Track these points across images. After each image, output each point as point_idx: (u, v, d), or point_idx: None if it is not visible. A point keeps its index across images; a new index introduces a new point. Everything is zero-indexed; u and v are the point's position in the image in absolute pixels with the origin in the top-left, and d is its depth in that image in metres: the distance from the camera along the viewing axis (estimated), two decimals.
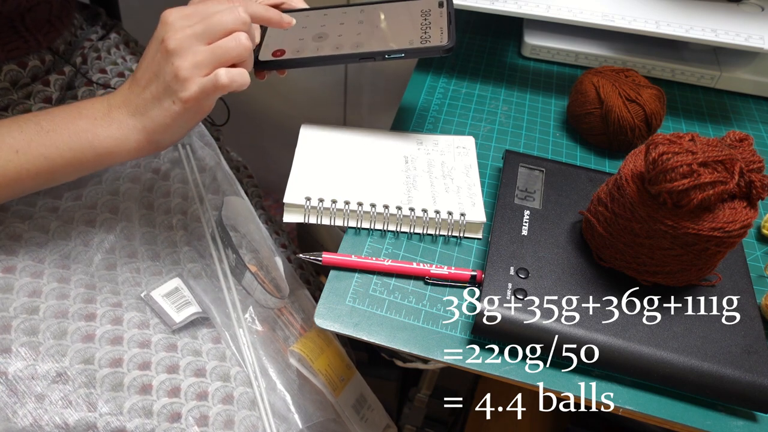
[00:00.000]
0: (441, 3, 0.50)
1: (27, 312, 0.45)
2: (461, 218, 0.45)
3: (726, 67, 0.65)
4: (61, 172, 0.43)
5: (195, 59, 0.40)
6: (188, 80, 0.40)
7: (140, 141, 0.43)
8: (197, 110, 0.42)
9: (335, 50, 0.48)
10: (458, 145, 0.53)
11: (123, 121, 0.42)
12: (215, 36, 0.41)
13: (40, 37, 0.55)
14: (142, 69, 0.42)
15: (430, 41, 0.47)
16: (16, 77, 0.53)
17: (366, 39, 0.48)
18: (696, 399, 0.38)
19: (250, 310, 0.53)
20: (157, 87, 0.41)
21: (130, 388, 0.45)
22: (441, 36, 0.47)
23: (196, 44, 0.40)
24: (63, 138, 0.42)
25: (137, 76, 0.43)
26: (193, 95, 0.40)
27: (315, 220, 0.45)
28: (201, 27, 0.40)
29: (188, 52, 0.40)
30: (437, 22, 0.48)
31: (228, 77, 0.41)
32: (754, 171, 0.37)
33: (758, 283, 0.46)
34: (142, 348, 0.47)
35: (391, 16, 0.50)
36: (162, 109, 0.41)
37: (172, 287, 0.51)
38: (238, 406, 0.47)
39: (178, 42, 0.40)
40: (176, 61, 0.40)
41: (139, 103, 0.42)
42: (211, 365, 0.48)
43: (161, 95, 0.41)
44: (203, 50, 0.40)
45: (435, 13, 0.49)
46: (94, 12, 0.68)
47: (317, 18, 0.51)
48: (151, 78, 0.42)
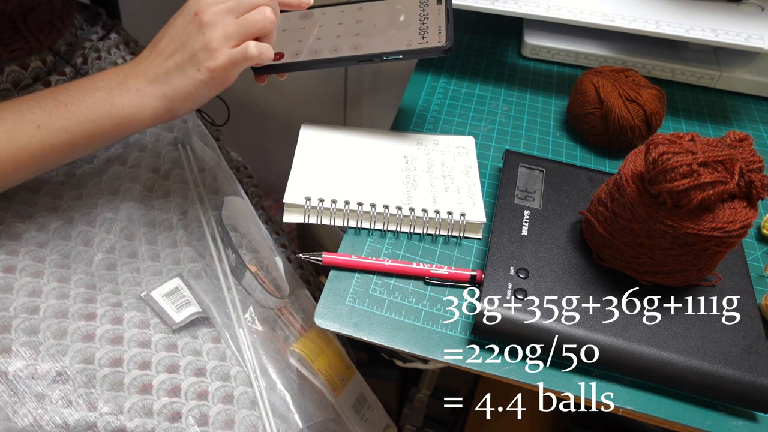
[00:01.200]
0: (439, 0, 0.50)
1: (27, 312, 0.45)
2: (461, 218, 0.45)
3: (726, 67, 0.65)
4: (82, 144, 0.44)
5: (225, 31, 0.42)
6: (217, 50, 0.42)
7: (158, 108, 0.44)
8: (222, 80, 0.43)
9: (333, 53, 0.48)
10: (458, 145, 0.53)
11: (141, 88, 0.44)
12: (244, 10, 0.43)
13: (41, 37, 0.55)
14: (167, 39, 0.44)
15: (428, 42, 0.47)
16: (18, 78, 0.53)
17: (364, 40, 0.48)
18: (696, 399, 0.38)
19: (250, 309, 0.53)
20: (182, 56, 0.43)
21: (131, 388, 0.45)
22: (439, 36, 0.47)
23: (228, 17, 0.42)
24: (82, 110, 0.43)
25: (160, 46, 0.44)
26: (221, 64, 0.42)
27: (315, 220, 0.45)
28: (233, 2, 0.42)
29: (219, 25, 0.42)
30: (435, 21, 0.48)
31: (257, 49, 0.43)
32: (754, 171, 0.37)
33: (758, 283, 0.46)
34: (142, 347, 0.47)
35: (389, 14, 0.50)
36: (186, 77, 0.43)
37: (172, 287, 0.51)
38: (238, 405, 0.47)
39: (212, 15, 0.42)
40: (208, 32, 0.42)
41: (160, 72, 0.43)
42: (212, 365, 0.48)
43: (186, 64, 0.43)
44: (233, 23, 0.42)
45: (433, 10, 0.49)
46: (94, 12, 0.68)
47: (316, 18, 0.51)
48: (177, 47, 0.43)
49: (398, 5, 0.50)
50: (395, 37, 0.48)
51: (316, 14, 0.52)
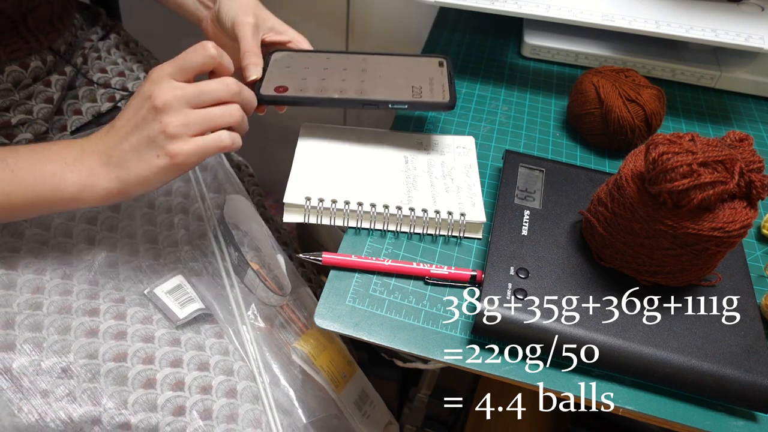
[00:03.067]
0: (441, 63, 0.52)
1: (31, 308, 0.46)
2: (461, 218, 0.45)
3: (726, 67, 0.65)
4: (21, 211, 0.42)
5: (186, 119, 0.40)
6: (178, 137, 0.40)
7: (110, 190, 0.42)
8: (182, 167, 0.41)
9: (339, 93, 0.48)
10: (458, 145, 0.53)
11: (95, 168, 0.41)
12: (202, 103, 0.41)
13: (41, 37, 0.55)
14: (124, 120, 0.42)
15: (432, 96, 0.48)
16: (18, 78, 0.54)
17: (369, 87, 0.49)
18: (696, 399, 0.38)
19: (252, 307, 0.53)
20: (138, 139, 0.40)
21: (134, 382, 0.45)
22: (443, 93, 0.48)
23: (185, 107, 0.40)
24: (28, 179, 0.41)
25: (117, 126, 0.42)
26: (186, 151, 0.40)
27: (315, 220, 0.45)
28: (192, 91, 0.41)
29: (178, 112, 0.40)
30: (438, 80, 0.49)
31: (231, 139, 0.42)
32: (754, 171, 0.37)
33: (758, 283, 0.46)
34: (145, 342, 0.47)
35: (393, 69, 0.51)
36: (142, 161, 0.41)
37: (175, 284, 0.51)
38: (241, 399, 0.47)
39: (166, 101, 0.40)
40: (165, 118, 0.40)
41: (114, 153, 0.41)
42: (215, 359, 0.48)
43: (142, 148, 0.40)
44: (193, 113, 0.40)
45: (436, 72, 0.50)
46: (94, 12, 0.68)
47: (320, 61, 0.52)
48: (131, 130, 0.41)
49: (402, 62, 0.52)
50: (400, 88, 0.49)
51: (320, 57, 0.52)
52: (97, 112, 0.60)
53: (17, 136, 0.54)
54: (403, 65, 0.52)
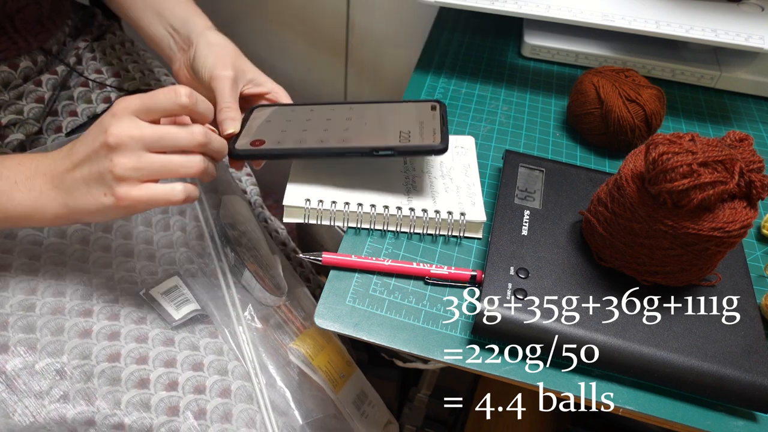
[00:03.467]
0: (434, 107, 0.48)
1: (23, 309, 0.45)
2: (461, 218, 0.45)
3: (726, 67, 0.65)
4: None
5: (138, 162, 0.38)
6: (126, 179, 0.38)
7: (59, 215, 0.40)
8: (130, 210, 0.39)
9: (319, 143, 0.44)
10: (457, 145, 0.53)
11: (44, 191, 0.40)
12: (164, 149, 0.39)
13: (30, 38, 0.55)
14: (79, 146, 0.39)
15: (422, 140, 0.43)
16: (7, 78, 0.53)
17: (353, 135, 0.45)
18: (696, 399, 0.38)
19: (249, 307, 0.53)
20: (89, 172, 0.38)
21: (128, 383, 0.45)
22: (434, 136, 0.44)
23: (140, 149, 0.38)
24: None
25: (74, 150, 0.40)
26: (132, 196, 0.38)
27: (315, 221, 0.45)
28: (151, 134, 0.38)
29: (131, 154, 0.38)
30: (430, 123, 0.46)
31: (184, 193, 0.39)
32: (754, 171, 0.37)
33: (758, 283, 0.46)
34: (139, 343, 0.47)
35: (381, 116, 0.48)
36: (90, 195, 0.39)
37: (171, 285, 0.51)
38: (235, 399, 0.47)
39: (121, 140, 0.37)
40: (115, 157, 0.37)
41: (65, 179, 0.39)
42: (209, 359, 0.48)
43: (91, 181, 0.38)
44: (148, 158, 0.38)
45: (428, 116, 0.47)
46: (90, 13, 0.68)
47: (303, 113, 0.49)
48: (84, 160, 0.39)
49: (392, 109, 0.49)
50: (387, 133, 0.45)
51: (303, 110, 0.49)
52: (92, 113, 0.60)
53: (8, 137, 0.54)
54: (392, 111, 0.48)
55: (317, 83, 1.09)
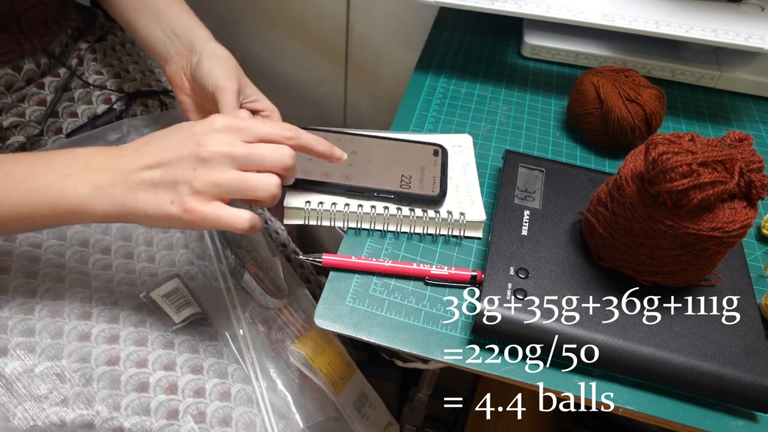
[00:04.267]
0: (436, 152, 0.50)
1: (23, 312, 0.45)
2: (461, 217, 0.45)
3: (726, 67, 0.65)
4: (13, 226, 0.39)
5: (219, 179, 0.37)
6: (201, 194, 0.37)
7: (109, 213, 0.38)
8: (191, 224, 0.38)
9: (323, 177, 0.46)
10: (454, 144, 0.53)
11: (101, 186, 0.38)
12: (250, 167, 0.38)
13: (35, 39, 0.55)
14: (156, 147, 0.38)
15: (421, 189, 0.46)
16: (10, 81, 0.53)
17: (357, 172, 0.47)
18: (696, 399, 0.38)
19: (250, 310, 0.53)
20: (164, 176, 0.37)
21: (127, 386, 0.45)
22: (433, 186, 0.46)
23: (229, 165, 0.37)
24: (21, 190, 0.37)
25: (146, 150, 0.38)
26: (200, 212, 0.37)
27: (315, 222, 0.45)
28: (243, 153, 0.37)
29: (217, 169, 0.37)
30: (431, 171, 0.48)
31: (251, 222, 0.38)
32: (753, 171, 0.37)
33: (758, 283, 0.46)
34: (138, 346, 0.47)
35: (385, 155, 0.49)
36: (155, 199, 0.37)
37: (171, 288, 0.51)
38: (235, 402, 0.47)
39: (213, 155, 0.37)
40: (201, 170, 0.37)
41: (131, 179, 0.38)
42: (209, 362, 0.48)
43: (161, 187, 0.37)
44: (230, 175, 0.37)
45: (429, 161, 0.49)
46: (91, 14, 0.68)
47: None
48: (162, 164, 0.37)
49: (396, 148, 0.50)
50: (389, 176, 0.47)
51: None
52: (92, 114, 0.60)
53: (9, 139, 0.54)
54: (396, 151, 0.50)
55: (316, 83, 1.09)
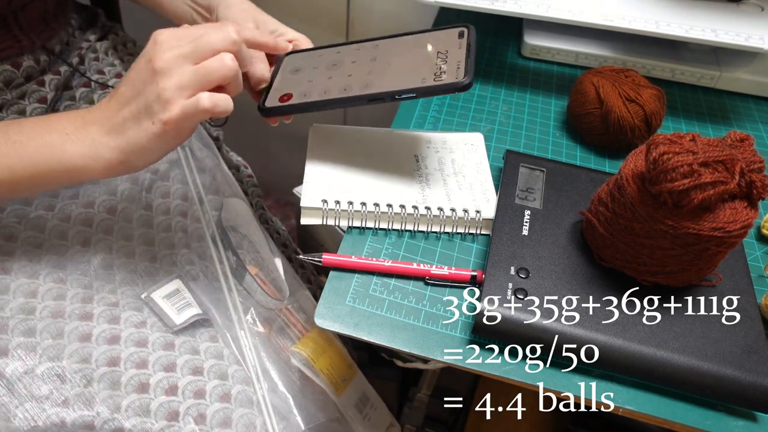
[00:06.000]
0: (461, 33, 0.46)
1: (24, 312, 0.45)
2: (477, 215, 0.45)
3: (726, 67, 0.65)
4: (24, 185, 0.41)
5: (181, 80, 0.38)
6: (170, 101, 0.38)
7: (111, 160, 0.40)
8: (176, 134, 0.40)
9: (342, 92, 0.45)
10: (467, 142, 0.53)
11: (96, 138, 0.40)
12: (203, 56, 0.39)
13: (33, 36, 0.55)
14: (125, 86, 0.40)
15: (444, 78, 0.42)
16: (9, 77, 0.53)
17: (376, 78, 0.45)
18: (696, 399, 0.38)
19: (251, 311, 0.53)
20: (137, 106, 0.39)
21: (128, 387, 0.45)
22: (457, 71, 0.42)
23: (184, 64, 0.38)
24: (29, 150, 0.40)
25: (119, 92, 0.40)
26: (173, 117, 0.38)
27: (333, 222, 0.45)
28: (189, 47, 0.39)
29: (174, 73, 0.38)
30: (455, 55, 0.44)
31: (210, 101, 0.39)
32: (754, 171, 0.37)
33: (758, 283, 0.46)
34: (139, 347, 0.47)
35: (406, 50, 0.47)
36: (140, 129, 0.39)
37: (172, 288, 0.51)
38: (235, 404, 0.47)
39: (166, 62, 0.38)
40: (161, 81, 0.38)
41: (116, 121, 0.40)
42: (209, 364, 0.48)
43: (141, 115, 0.39)
44: (189, 71, 0.38)
45: (453, 45, 0.45)
46: (92, 13, 0.68)
47: (330, 56, 0.49)
48: (133, 96, 0.39)
49: (417, 41, 0.47)
50: (410, 74, 0.44)
51: (330, 53, 0.49)
52: None
53: None
54: (417, 44, 0.46)
55: None
